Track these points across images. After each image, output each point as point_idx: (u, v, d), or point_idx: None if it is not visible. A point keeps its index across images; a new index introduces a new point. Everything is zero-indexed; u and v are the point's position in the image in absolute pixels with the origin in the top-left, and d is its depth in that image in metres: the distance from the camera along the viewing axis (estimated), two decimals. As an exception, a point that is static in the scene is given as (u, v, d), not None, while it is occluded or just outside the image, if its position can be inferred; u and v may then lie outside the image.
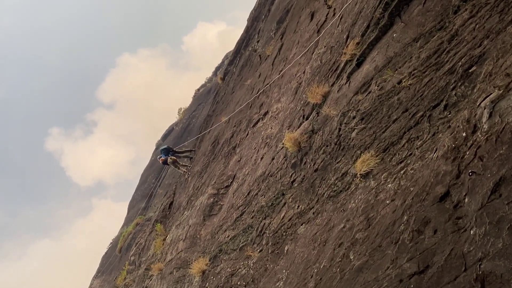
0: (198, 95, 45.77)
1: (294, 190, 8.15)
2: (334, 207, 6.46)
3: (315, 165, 7.69)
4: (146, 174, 42.53)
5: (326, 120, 7.92)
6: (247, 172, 11.93)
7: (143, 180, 42.00)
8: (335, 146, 7.21)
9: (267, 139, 11.64)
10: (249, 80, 18.01)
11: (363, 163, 6.03)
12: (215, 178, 14.70)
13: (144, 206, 33.65)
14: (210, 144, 18.78)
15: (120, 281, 23.03)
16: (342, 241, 5.43)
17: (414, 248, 4.03)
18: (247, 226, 9.64)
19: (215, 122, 20.84)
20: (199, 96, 44.87)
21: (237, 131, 15.82)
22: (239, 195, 11.43)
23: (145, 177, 41.74)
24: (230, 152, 15.22)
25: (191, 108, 43.55)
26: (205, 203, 13.58)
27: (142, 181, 42.47)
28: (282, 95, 12.29)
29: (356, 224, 5.36)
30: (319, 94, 8.56)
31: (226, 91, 22.57)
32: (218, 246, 10.68)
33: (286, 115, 10.87)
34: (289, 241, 7.45)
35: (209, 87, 43.25)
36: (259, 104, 14.46)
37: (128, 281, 21.55)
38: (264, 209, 9.08)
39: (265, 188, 9.67)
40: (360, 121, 6.77)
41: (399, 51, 6.78)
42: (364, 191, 5.80)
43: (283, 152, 9.37)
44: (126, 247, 29.02)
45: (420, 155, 5.11)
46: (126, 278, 22.28)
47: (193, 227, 13.47)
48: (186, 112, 44.38)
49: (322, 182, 7.22)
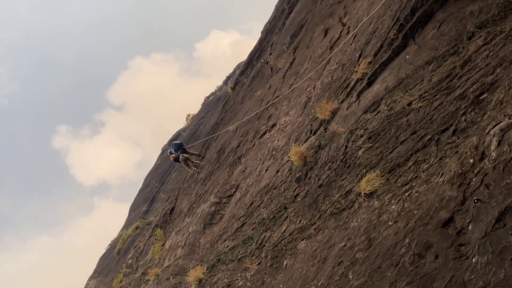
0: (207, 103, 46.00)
1: (297, 204, 8.13)
2: (336, 225, 6.43)
3: (319, 180, 7.68)
4: (150, 177, 42.62)
5: (333, 137, 7.92)
6: (251, 183, 11.92)
7: (146, 184, 42.08)
8: (340, 163, 7.21)
9: (273, 151, 11.65)
10: (259, 92, 18.10)
11: (368, 182, 6.01)
12: (219, 186, 14.69)
13: (145, 210, 33.67)
14: (215, 152, 18.82)
15: (116, 284, 22.95)
16: (342, 259, 5.39)
17: (414, 272, 3.99)
18: (247, 237, 9.60)
19: (222, 131, 20.91)
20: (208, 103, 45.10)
21: (244, 141, 15.86)
22: (241, 205, 11.41)
23: (149, 180, 41.83)
24: (235, 162, 15.24)
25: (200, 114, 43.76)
26: (206, 211, 13.56)
27: (145, 184, 42.55)
28: (291, 108, 12.33)
29: (357, 243, 5.32)
30: (328, 110, 8.58)
31: (236, 101, 22.68)
32: (216, 256, 10.64)
33: (293, 128, 10.89)
34: (289, 256, 7.40)
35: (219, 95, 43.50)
36: (267, 115, 14.50)
37: (124, 284, 21.46)
38: (266, 221, 9.05)
39: (267, 200, 9.65)
40: (368, 140, 6.77)
41: (411, 73, 6.79)
42: (367, 211, 5.77)
43: (288, 165, 9.37)
44: (124, 249, 28.99)
45: (426, 179, 5.09)
46: (122, 281, 22.20)
47: (193, 235, 13.43)
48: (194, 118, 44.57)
49: (325, 199, 7.19)
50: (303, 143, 9.22)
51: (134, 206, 41.10)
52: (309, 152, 8.41)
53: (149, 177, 43.50)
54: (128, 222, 39.07)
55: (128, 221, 39.91)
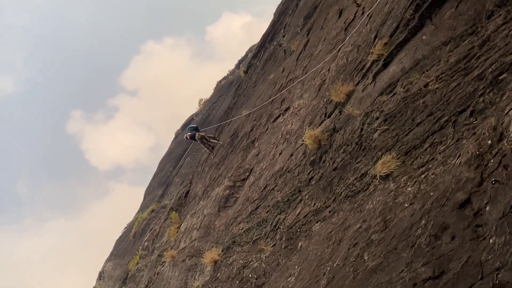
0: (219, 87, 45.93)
1: (311, 187, 8.17)
2: (351, 207, 6.46)
3: (334, 163, 7.69)
4: (164, 162, 43.06)
5: (348, 119, 7.90)
6: (265, 167, 11.99)
7: (160, 168, 42.55)
8: (356, 146, 7.20)
9: (286, 135, 11.66)
10: (272, 75, 18.01)
11: (383, 164, 6.01)
12: (232, 170, 14.81)
13: (160, 194, 34.13)
14: (229, 136, 18.89)
15: (132, 266, 23.52)
16: (357, 241, 5.44)
17: (430, 253, 4.02)
18: (262, 220, 9.71)
19: (235, 115, 20.94)
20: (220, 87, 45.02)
21: (257, 125, 15.87)
22: (255, 188, 11.51)
23: (163, 165, 42.28)
24: (249, 146, 15.30)
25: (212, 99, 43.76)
26: (221, 195, 13.72)
27: (159, 168, 43.02)
28: (305, 91, 12.28)
29: (373, 225, 5.36)
30: (343, 92, 8.53)
31: (248, 85, 22.62)
32: (231, 238, 10.80)
33: (307, 112, 10.87)
34: (303, 238, 7.49)
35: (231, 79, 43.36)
36: (281, 99, 14.47)
37: (140, 266, 21.98)
38: (280, 204, 9.13)
39: (282, 183, 9.71)
40: (383, 122, 6.74)
41: (428, 54, 6.69)
42: (382, 193, 5.78)
43: (303, 149, 9.39)
44: (140, 232, 29.56)
45: (443, 160, 5.07)
46: (138, 263, 22.74)
47: (208, 217, 13.63)
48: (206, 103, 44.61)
49: (340, 181, 7.22)
50: (317, 126, 9.21)
51: (149, 190, 41.70)
52: (324, 135, 8.41)
53: (163, 161, 43.94)
54: (143, 206, 39.72)
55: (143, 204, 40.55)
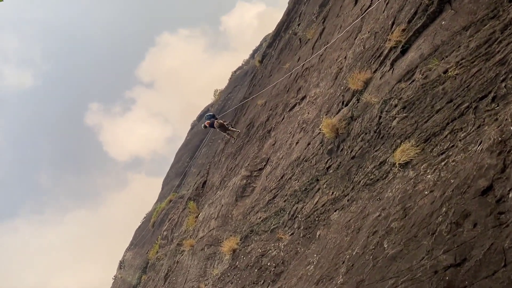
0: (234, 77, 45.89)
1: (329, 176, 8.17)
2: (369, 195, 6.45)
3: (352, 152, 7.66)
4: (181, 153, 43.46)
5: (366, 107, 7.84)
6: (282, 156, 12.00)
7: (177, 159, 42.97)
8: (374, 134, 7.15)
9: (303, 124, 11.64)
10: (287, 64, 17.92)
11: (402, 152, 5.96)
12: (249, 160, 14.87)
13: (177, 184, 34.53)
14: (245, 126, 18.93)
15: (152, 255, 23.95)
16: (376, 229, 5.44)
17: (452, 241, 4.00)
18: (279, 209, 9.76)
19: (251, 105, 20.94)
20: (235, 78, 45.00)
21: (273, 114, 15.86)
22: (272, 178, 11.56)
23: (180, 155, 42.68)
24: (265, 136, 15.32)
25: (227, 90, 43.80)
26: (238, 184, 13.81)
27: (176, 159, 43.47)
28: (321, 80, 12.20)
29: (392, 213, 5.35)
30: (360, 80, 8.46)
31: (264, 74, 22.55)
32: (249, 227, 10.90)
33: (324, 100, 10.81)
34: (322, 227, 7.51)
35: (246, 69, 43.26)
36: (297, 88, 14.40)
37: (160, 255, 22.36)
38: (297, 193, 9.16)
39: (299, 172, 9.73)
40: (402, 109, 6.67)
41: (447, 40, 6.57)
42: (402, 181, 5.75)
43: (320, 137, 9.36)
44: (159, 222, 30.03)
45: (463, 147, 5.01)
46: (158, 252, 23.14)
47: (225, 207, 13.76)
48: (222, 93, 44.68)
49: (358, 170, 7.19)
50: (334, 115, 9.16)
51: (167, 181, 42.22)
52: (341, 124, 8.37)
53: (180, 152, 44.36)
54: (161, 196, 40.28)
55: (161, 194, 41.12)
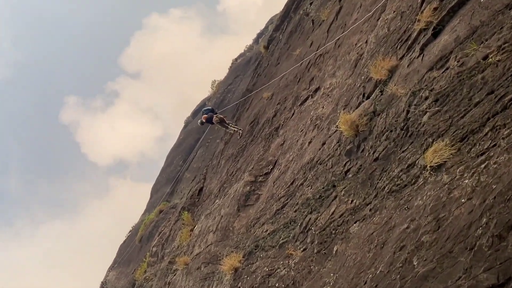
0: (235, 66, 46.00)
1: (348, 181, 8.17)
2: (396, 204, 6.45)
3: (375, 153, 7.67)
4: (173, 154, 43.65)
5: (391, 100, 7.84)
6: (292, 158, 12.02)
7: (169, 162, 43.17)
8: (401, 132, 7.15)
9: (317, 120, 11.65)
10: (298, 50, 17.94)
11: (435, 153, 5.96)
12: (253, 163, 14.90)
13: (169, 191, 34.66)
14: (248, 123, 18.97)
15: (139, 275, 23.97)
16: (404, 243, 5.44)
17: (494, 257, 3.99)
18: (289, 220, 9.78)
19: (255, 99, 20.98)
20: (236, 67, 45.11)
21: (281, 109, 15.89)
22: (280, 184, 11.58)
23: (172, 158, 42.88)
24: (272, 134, 15.34)
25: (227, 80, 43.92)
26: (240, 192, 13.84)
27: (168, 162, 43.65)
28: (338, 68, 12.21)
29: (423, 225, 5.35)
30: (384, 68, 8.46)
31: (270, 62, 22.59)
32: (254, 241, 10.92)
33: (342, 92, 10.82)
34: (339, 241, 7.52)
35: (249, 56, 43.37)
36: (309, 78, 14.42)
37: (148, 275, 22.43)
38: (311, 202, 9.17)
39: (312, 177, 9.74)
40: (434, 103, 6.66)
41: (487, 20, 6.56)
42: (434, 187, 5.75)
43: (337, 136, 9.37)
44: (147, 236, 30.13)
45: (507, 147, 5.00)
46: (146, 271, 23.20)
47: (226, 218, 13.79)
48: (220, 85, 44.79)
49: (382, 174, 7.20)
50: (354, 110, 9.17)
51: (157, 188, 42.40)
52: (362, 120, 8.37)
53: (171, 154, 44.53)
54: (150, 206, 40.42)
55: (150, 204, 41.27)
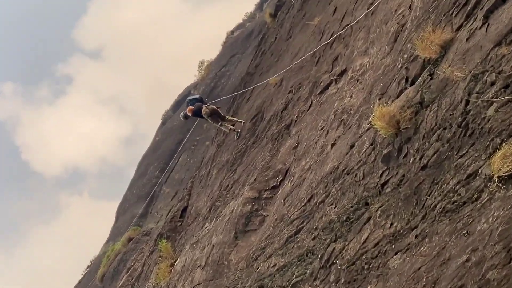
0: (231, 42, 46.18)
1: (386, 198, 8.15)
2: (451, 228, 6.42)
3: (422, 159, 7.64)
4: (146, 162, 43.75)
5: (445, 87, 7.82)
6: (308, 166, 12.01)
7: (141, 172, 43.25)
8: (458, 130, 7.13)
9: (343, 115, 11.64)
10: (316, 19, 17.97)
11: (504, 158, 5.93)
12: (256, 173, 14.90)
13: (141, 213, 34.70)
14: (249, 119, 19.01)
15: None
16: (463, 282, 5.42)
17: None
18: (306, 251, 9.76)
19: (258, 85, 20.99)
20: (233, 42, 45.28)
21: (294, 100, 15.90)
22: (293, 201, 11.56)
23: (145, 167, 42.95)
24: (282, 134, 15.35)
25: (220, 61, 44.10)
26: (238, 212, 13.84)
27: (139, 173, 43.74)
28: (372, 43, 12.21)
29: (488, 256, 5.32)
30: (435, 43, 8.43)
31: (278, 36, 22.64)
32: (257, 280, 10.91)
33: (376, 76, 10.82)
34: (374, 279, 7.50)
35: (250, 28, 43.51)
36: (333, 57, 14.43)
37: (113, 327, 22.43)
38: (335, 225, 9.16)
39: (337, 192, 9.73)
40: (503, 90, 6.64)
41: None
42: (504, 205, 5.72)
43: (370, 136, 9.36)
44: (111, 274, 30.17)
45: None
46: (110, 321, 23.22)
47: (219, 249, 13.78)
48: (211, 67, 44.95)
49: (433, 187, 7.17)
50: (393, 100, 9.16)
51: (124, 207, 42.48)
52: (405, 114, 8.35)
53: (144, 161, 44.65)
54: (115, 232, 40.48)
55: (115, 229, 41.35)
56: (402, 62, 9.76)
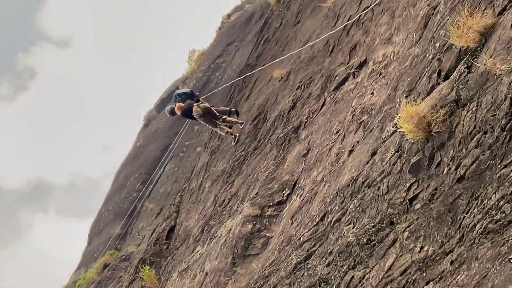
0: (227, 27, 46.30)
1: (415, 216, 8.14)
2: (494, 253, 6.41)
3: (458, 169, 7.63)
4: (125, 172, 43.75)
5: (485, 82, 7.81)
6: (321, 178, 12.01)
7: (119, 184, 43.23)
8: (501, 134, 7.12)
9: (362, 115, 11.65)
10: (330, 0, 17.98)
11: (558, 169, 5.94)
12: (258, 186, 14.90)
13: (119, 233, 34.69)
14: (250, 120, 19.01)
15: None
16: (509, 319, 5.40)
17: None
18: (318, 280, 9.77)
19: (260, 79, 21.03)
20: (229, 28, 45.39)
21: (304, 97, 15.92)
22: (303, 220, 11.56)
23: (124, 178, 42.94)
24: (289, 138, 15.37)
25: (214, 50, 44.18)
26: (237, 233, 13.83)
27: (117, 185, 43.74)
28: (397, 30, 12.22)
29: (540, 287, 5.31)
30: (473, 29, 8.43)
31: (284, 20, 22.69)
32: (260, 316, 10.89)
33: (403, 69, 10.82)
34: (401, 314, 7.48)
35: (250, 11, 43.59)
36: (350, 46, 14.45)
37: None
38: (354, 249, 9.15)
39: (356, 209, 9.72)
40: (556, 85, 6.64)
41: None
42: (557, 225, 5.72)
43: (395, 141, 9.35)
44: (84, 307, 30.14)
45: None
46: None
47: (213, 277, 13.78)
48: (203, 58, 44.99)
49: (471, 204, 7.16)
50: (423, 98, 9.16)
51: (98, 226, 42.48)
52: (437, 115, 8.35)
53: (123, 171, 44.67)
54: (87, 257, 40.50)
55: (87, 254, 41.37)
56: (433, 52, 9.76)
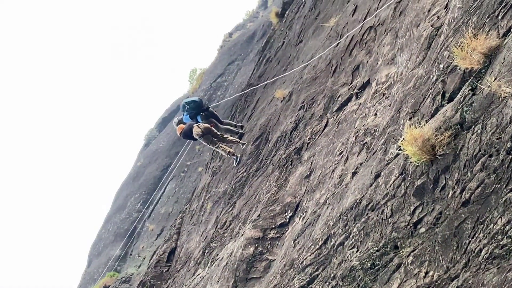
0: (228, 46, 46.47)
1: (420, 240, 8.12)
2: (500, 279, 6.39)
3: (464, 192, 7.62)
4: (125, 192, 43.72)
5: (490, 104, 7.81)
6: (324, 200, 12.00)
7: (119, 205, 43.17)
8: (507, 157, 7.11)
9: (366, 137, 11.66)
10: (333, 19, 18.10)
11: None
12: (260, 208, 14.89)
13: (119, 254, 34.62)
14: (252, 141, 19.02)
15: None
16: None
17: None
18: (322, 305, 9.72)
19: (262, 99, 21.07)
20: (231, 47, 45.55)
21: (306, 118, 15.95)
22: (306, 243, 11.54)
23: (124, 198, 42.90)
24: (291, 159, 15.37)
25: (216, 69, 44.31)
26: (238, 256, 13.81)
27: (117, 205, 43.67)
28: (400, 50, 12.25)
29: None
30: (477, 51, 8.45)
31: (287, 40, 22.78)
32: None
33: (406, 90, 10.84)
34: None
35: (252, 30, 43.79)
36: (353, 66, 14.49)
37: None
38: (357, 274, 9.13)
39: (359, 233, 9.70)
40: (562, 108, 6.65)
41: None
42: None
43: (399, 164, 9.35)
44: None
45: None
46: None
47: (215, 301, 13.72)
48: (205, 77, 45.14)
49: (477, 228, 7.14)
50: (427, 120, 9.16)
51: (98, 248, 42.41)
52: (441, 137, 8.35)
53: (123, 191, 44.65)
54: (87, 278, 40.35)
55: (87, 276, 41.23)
56: (437, 73, 9.78)
